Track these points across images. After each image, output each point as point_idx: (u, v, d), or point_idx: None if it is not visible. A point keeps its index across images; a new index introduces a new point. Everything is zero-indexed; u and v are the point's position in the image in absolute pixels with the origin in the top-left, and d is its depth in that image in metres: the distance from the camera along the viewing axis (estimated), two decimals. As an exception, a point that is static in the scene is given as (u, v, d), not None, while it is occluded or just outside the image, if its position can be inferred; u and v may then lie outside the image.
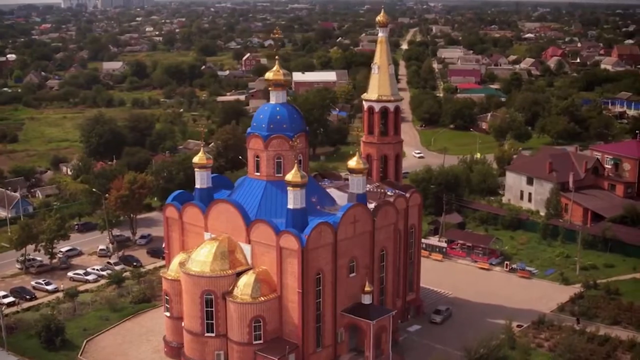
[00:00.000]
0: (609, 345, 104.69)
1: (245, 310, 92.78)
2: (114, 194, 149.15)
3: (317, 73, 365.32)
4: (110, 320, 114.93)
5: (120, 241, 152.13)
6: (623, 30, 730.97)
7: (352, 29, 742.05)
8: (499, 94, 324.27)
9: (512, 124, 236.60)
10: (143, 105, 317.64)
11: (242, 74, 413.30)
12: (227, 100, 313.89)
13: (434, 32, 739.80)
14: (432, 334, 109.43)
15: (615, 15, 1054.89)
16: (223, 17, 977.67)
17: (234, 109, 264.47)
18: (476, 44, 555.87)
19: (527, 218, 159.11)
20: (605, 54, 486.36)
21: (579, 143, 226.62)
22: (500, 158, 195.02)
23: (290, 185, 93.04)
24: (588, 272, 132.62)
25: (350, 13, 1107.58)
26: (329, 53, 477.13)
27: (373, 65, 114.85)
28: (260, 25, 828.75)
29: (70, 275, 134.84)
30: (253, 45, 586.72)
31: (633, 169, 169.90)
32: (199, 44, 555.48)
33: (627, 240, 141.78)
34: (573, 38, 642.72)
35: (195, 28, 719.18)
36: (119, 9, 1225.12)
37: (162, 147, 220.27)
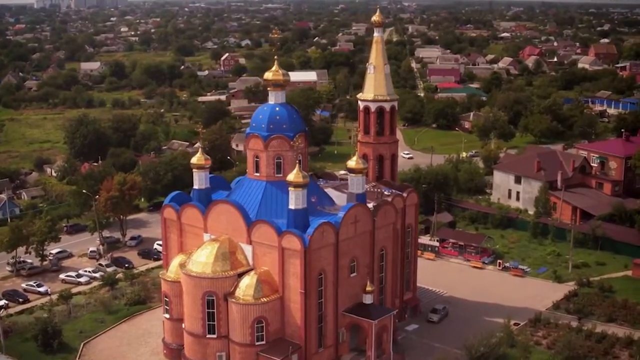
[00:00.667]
0: (606, 342, 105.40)
1: (248, 311, 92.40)
2: (104, 195, 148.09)
3: (298, 73, 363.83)
4: (106, 322, 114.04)
5: (110, 243, 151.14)
6: (598, 29, 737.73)
7: (328, 28, 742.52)
8: (479, 93, 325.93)
9: (495, 123, 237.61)
10: (123, 105, 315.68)
11: (222, 74, 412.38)
12: (208, 100, 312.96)
13: (410, 31, 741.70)
14: (430, 333, 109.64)
15: (588, 14, 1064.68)
16: (198, 17, 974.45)
17: (217, 109, 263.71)
18: (453, 44, 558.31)
19: (517, 217, 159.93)
20: (582, 53, 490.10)
21: (561, 142, 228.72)
22: (487, 157, 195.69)
23: (291, 186, 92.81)
24: (580, 270, 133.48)
25: (325, 13, 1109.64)
26: (308, 53, 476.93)
27: (369, 65, 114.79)
28: (235, 25, 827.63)
29: (62, 278, 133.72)
30: (230, 45, 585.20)
31: (619, 167, 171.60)
32: (176, 44, 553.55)
33: (618, 238, 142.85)
34: (549, 37, 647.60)
35: (171, 28, 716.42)
36: (92, 9, 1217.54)
37: (147, 147, 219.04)
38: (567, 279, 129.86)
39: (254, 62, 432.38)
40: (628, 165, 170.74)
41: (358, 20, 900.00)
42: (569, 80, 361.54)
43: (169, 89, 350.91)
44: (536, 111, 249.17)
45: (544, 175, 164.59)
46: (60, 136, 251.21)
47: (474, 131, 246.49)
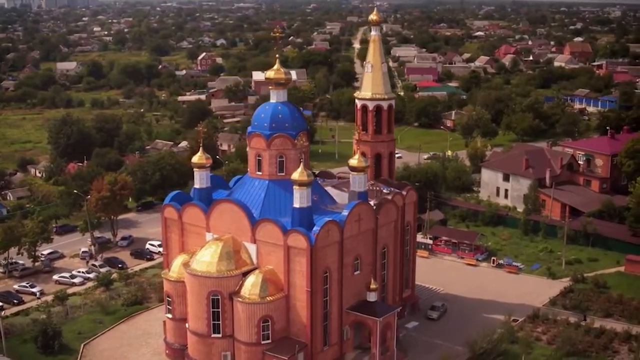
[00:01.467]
0: (605, 337, 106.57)
1: (254, 310, 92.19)
2: (95, 195, 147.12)
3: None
4: (104, 323, 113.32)
5: (101, 243, 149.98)
6: (571, 28, 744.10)
7: (303, 28, 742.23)
8: (459, 92, 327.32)
9: (479, 122, 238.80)
10: (103, 105, 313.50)
11: (199, 74, 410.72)
12: (188, 100, 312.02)
13: (384, 30, 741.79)
14: (430, 330, 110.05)
15: (560, 13, 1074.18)
16: (170, 17, 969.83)
17: (199, 108, 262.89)
18: (429, 43, 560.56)
19: (507, 214, 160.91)
20: (557, 52, 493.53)
21: (543, 140, 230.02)
22: (473, 155, 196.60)
23: (296, 184, 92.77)
24: (573, 266, 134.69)
25: (297, 12, 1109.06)
26: (285, 52, 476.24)
27: (366, 64, 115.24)
28: (209, 25, 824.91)
29: (55, 279, 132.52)
30: (205, 44, 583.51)
31: (605, 164, 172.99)
32: (151, 43, 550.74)
33: (608, 235, 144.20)
34: (523, 36, 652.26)
35: (144, 28, 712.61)
36: (63, 9, 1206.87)
37: (131, 147, 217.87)
38: (561, 275, 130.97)
39: (232, 62, 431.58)
40: (614, 162, 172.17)
41: (331, 19, 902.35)
42: (547, 79, 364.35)
43: (148, 88, 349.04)
44: (518, 110, 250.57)
45: (532, 173, 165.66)
46: (42, 136, 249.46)
47: (458, 129, 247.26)
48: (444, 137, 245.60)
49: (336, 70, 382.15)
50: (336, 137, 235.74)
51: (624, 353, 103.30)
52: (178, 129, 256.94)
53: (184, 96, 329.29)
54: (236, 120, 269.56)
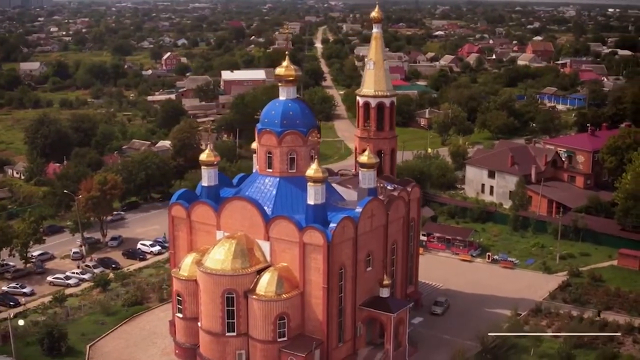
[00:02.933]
0: (609, 329, 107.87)
1: (270, 308, 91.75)
2: (84, 195, 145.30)
3: (246, 71, 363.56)
4: (107, 324, 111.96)
5: (90, 243, 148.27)
6: (529, 27, 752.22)
7: (262, 27, 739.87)
8: (428, 90, 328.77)
9: (455, 120, 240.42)
10: (71, 105, 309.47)
11: (165, 73, 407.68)
12: (158, 100, 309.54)
13: (344, 30, 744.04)
14: (436, 325, 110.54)
15: (515, 12, 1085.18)
16: (127, 17, 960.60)
17: (174, 108, 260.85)
18: (391, 42, 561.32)
19: (495, 210, 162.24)
20: (519, 51, 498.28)
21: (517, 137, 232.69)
22: (455, 153, 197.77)
23: (311, 181, 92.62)
24: (566, 260, 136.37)
25: (253, 12, 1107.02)
26: (251, 51, 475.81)
27: (368, 61, 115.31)
28: (167, 25, 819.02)
29: (49, 280, 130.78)
30: (166, 44, 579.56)
31: (587, 161, 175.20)
32: (112, 43, 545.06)
33: (598, 230, 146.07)
34: (483, 35, 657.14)
35: (103, 28, 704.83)
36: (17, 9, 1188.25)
37: (109, 147, 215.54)
38: (556, 270, 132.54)
39: (198, 62, 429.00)
40: (595, 159, 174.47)
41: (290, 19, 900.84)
42: (513, 77, 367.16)
43: (116, 88, 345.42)
44: (492, 107, 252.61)
45: (518, 170, 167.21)
46: (13, 137, 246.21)
47: (434, 128, 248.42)
48: (419, 135, 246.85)
49: (304, 70, 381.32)
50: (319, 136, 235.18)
51: (629, 344, 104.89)
52: (153, 128, 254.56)
53: (154, 96, 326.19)
54: (210, 119, 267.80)
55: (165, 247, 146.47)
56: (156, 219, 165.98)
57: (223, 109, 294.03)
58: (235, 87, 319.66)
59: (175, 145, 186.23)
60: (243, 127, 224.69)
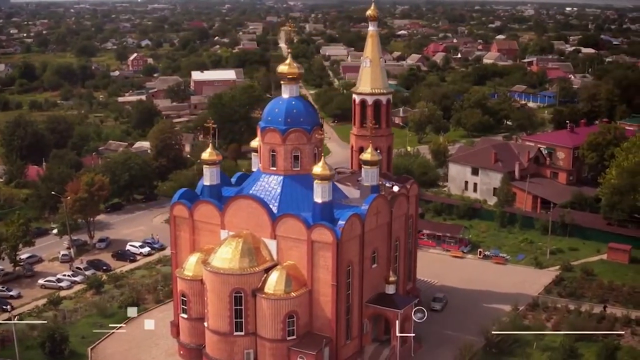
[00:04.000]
0: (607, 322, 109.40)
1: (279, 306, 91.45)
2: (71, 196, 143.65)
3: (215, 72, 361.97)
4: (105, 326, 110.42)
5: (78, 245, 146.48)
6: (490, 26, 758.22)
7: (225, 28, 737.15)
8: (399, 89, 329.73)
9: (431, 118, 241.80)
10: (41, 107, 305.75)
11: (132, 74, 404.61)
12: (129, 101, 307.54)
13: (308, 30, 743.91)
14: (437, 321, 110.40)
15: (475, 11, 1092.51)
16: (86, 18, 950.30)
17: (147, 109, 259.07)
18: (356, 42, 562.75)
19: (481, 207, 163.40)
20: (483, 49, 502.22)
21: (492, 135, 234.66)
22: (436, 151, 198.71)
23: (318, 179, 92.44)
24: (556, 255, 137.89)
25: (213, 12, 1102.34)
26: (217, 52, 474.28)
27: (364, 59, 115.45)
28: (128, 26, 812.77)
29: (41, 283, 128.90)
30: (130, 45, 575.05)
31: (567, 157, 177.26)
32: (76, 45, 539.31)
33: (585, 225, 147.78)
34: (446, 34, 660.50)
35: (64, 29, 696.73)
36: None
37: (86, 148, 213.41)
38: (547, 265, 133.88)
39: (165, 62, 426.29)
40: (575, 155, 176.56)
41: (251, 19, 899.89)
42: (481, 76, 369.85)
43: (85, 90, 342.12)
44: (466, 106, 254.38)
45: (501, 167, 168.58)
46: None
47: (411, 126, 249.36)
48: (396, 134, 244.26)
49: (273, 69, 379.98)
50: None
51: (627, 336, 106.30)
52: (127, 129, 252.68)
53: (124, 97, 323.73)
54: (186, 120, 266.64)
55: (155, 248, 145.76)
56: (141, 220, 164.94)
57: (195, 110, 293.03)
58: (206, 88, 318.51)
59: (156, 146, 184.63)
60: (221, 127, 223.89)
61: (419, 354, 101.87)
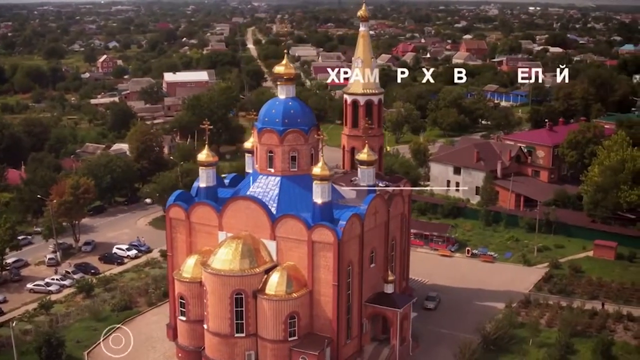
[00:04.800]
0: (599, 318, 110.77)
1: (281, 307, 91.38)
2: (56, 199, 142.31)
3: (188, 73, 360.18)
4: (100, 330, 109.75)
5: (63, 249, 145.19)
6: (456, 26, 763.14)
7: (192, 29, 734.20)
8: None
9: (408, 118, 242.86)
10: (12, 110, 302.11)
11: (102, 76, 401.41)
12: (102, 103, 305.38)
13: (274, 31, 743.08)
14: (431, 320, 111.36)
15: (440, 11, 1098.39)
16: (51, 20, 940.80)
17: (123, 111, 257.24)
18: (325, 42, 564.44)
19: (465, 206, 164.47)
20: (452, 49, 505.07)
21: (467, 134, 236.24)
22: (416, 150, 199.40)
23: (317, 179, 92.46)
24: (543, 253, 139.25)
25: (178, 13, 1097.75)
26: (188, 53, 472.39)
27: (356, 60, 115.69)
28: (94, 28, 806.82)
29: (30, 287, 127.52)
30: (98, 47, 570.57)
31: (547, 156, 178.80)
32: (43, 47, 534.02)
33: (569, 222, 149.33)
34: (414, 34, 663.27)
35: (29, 31, 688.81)
36: None
37: (64, 151, 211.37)
38: (535, 262, 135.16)
39: (135, 64, 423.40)
40: (555, 153, 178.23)
41: (217, 20, 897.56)
42: (453, 75, 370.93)
43: (57, 92, 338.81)
44: (442, 105, 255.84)
45: (484, 166, 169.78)
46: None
47: (388, 126, 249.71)
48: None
49: (244, 70, 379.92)
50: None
51: (620, 332, 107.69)
52: (103, 132, 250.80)
53: (97, 99, 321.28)
54: (161, 121, 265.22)
55: (142, 250, 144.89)
56: (125, 223, 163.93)
57: (169, 111, 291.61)
58: (179, 89, 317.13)
59: (137, 148, 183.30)
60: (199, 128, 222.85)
61: (416, 353, 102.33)
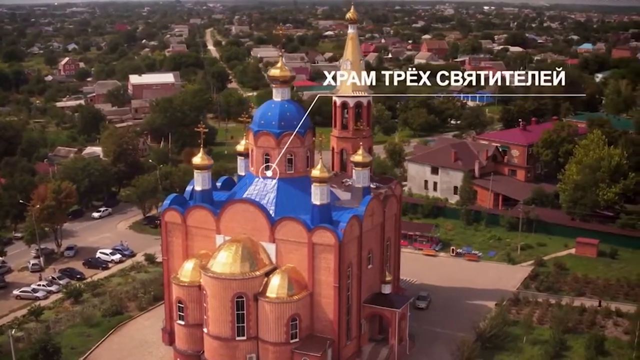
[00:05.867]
0: (588, 314, 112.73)
1: (283, 310, 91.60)
2: (38, 204, 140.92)
3: (153, 75, 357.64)
4: (93, 336, 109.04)
5: (46, 254, 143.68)
6: (414, 26, 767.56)
7: (150, 31, 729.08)
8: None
9: (379, 118, 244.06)
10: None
11: (65, 79, 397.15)
12: (68, 106, 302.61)
13: (234, 32, 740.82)
14: (424, 319, 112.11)
15: (396, 11, 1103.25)
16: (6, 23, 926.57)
17: (93, 114, 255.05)
18: (285, 43, 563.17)
19: (444, 206, 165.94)
20: (413, 49, 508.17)
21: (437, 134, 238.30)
22: (392, 150, 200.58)
23: (316, 181, 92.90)
24: (525, 251, 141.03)
25: (134, 15, 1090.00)
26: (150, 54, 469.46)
27: (344, 61, 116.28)
28: (51, 30, 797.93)
29: (16, 294, 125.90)
30: (57, 49, 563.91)
31: (522, 155, 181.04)
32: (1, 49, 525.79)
33: (550, 221, 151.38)
34: (373, 35, 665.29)
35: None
36: None
37: (37, 155, 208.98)
38: (520, 261, 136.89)
39: (98, 66, 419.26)
40: (530, 152, 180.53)
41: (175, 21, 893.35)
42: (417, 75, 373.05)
43: (21, 95, 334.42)
44: (412, 106, 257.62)
45: (461, 165, 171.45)
46: None
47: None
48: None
49: (209, 72, 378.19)
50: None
51: (611, 327, 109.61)
52: (73, 135, 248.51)
53: (63, 102, 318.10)
54: (130, 124, 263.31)
55: (126, 254, 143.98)
56: (105, 227, 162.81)
57: (137, 114, 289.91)
58: (146, 92, 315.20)
59: (114, 152, 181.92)
60: (172, 131, 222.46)
61: (413, 352, 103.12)
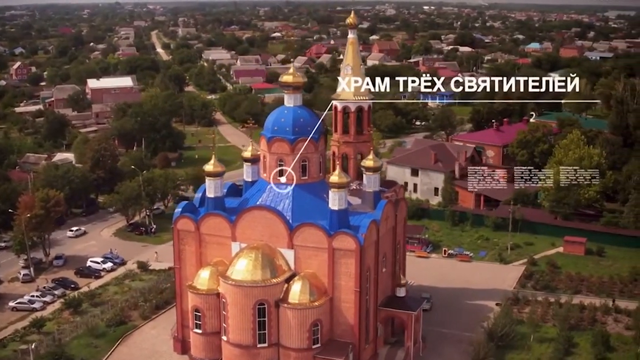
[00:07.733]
0: (588, 312, 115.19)
1: (305, 316, 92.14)
2: (25, 213, 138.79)
3: (111, 79, 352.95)
4: (101, 347, 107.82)
5: (34, 264, 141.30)
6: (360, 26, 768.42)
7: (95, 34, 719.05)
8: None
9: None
10: None
11: (19, 84, 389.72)
12: (27, 111, 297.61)
13: (180, 34, 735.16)
14: (430, 320, 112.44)
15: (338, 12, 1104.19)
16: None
17: (58, 119, 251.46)
18: (235, 45, 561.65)
19: (428, 207, 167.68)
20: (364, 50, 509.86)
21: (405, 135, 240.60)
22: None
23: (334, 187, 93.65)
24: (514, 251, 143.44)
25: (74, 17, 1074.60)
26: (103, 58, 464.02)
27: (345, 66, 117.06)
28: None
29: (12, 305, 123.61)
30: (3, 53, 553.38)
31: (497, 155, 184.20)
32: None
33: (534, 220, 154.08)
34: (321, 36, 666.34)
35: None
36: None
37: (7, 163, 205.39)
38: (511, 260, 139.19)
39: (51, 70, 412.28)
40: (504, 152, 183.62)
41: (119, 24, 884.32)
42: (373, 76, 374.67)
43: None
44: (378, 107, 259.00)
45: (441, 167, 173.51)
46: None
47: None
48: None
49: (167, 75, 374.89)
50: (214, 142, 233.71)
51: (611, 324, 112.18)
52: (38, 141, 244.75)
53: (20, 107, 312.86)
54: (94, 129, 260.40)
55: (117, 263, 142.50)
56: (89, 235, 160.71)
57: (98, 118, 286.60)
58: (106, 96, 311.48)
59: (91, 158, 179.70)
60: (144, 136, 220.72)
61: (425, 353, 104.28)
